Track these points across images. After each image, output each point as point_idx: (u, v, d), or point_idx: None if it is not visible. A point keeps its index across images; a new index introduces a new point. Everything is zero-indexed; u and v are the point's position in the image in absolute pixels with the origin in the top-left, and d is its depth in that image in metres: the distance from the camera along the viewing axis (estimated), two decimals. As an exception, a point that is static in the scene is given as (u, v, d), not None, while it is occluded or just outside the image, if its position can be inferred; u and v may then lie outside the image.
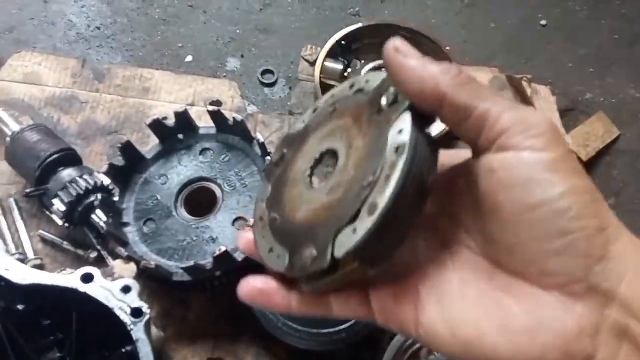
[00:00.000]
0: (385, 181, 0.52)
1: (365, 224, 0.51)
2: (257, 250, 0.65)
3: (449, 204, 0.62)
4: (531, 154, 0.51)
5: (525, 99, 1.60)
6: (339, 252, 0.52)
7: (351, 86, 0.64)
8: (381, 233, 0.52)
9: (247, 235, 0.66)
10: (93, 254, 1.28)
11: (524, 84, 1.59)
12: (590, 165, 1.57)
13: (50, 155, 1.27)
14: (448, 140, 1.05)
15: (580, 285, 0.50)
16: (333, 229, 0.54)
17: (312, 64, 1.62)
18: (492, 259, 0.56)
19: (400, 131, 0.55)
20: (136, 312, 1.02)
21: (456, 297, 0.56)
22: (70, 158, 1.31)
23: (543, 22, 1.83)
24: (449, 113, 0.54)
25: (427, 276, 0.58)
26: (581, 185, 0.51)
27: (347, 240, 0.52)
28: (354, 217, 0.53)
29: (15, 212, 1.34)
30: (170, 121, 1.29)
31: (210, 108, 1.26)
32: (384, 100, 0.58)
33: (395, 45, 0.55)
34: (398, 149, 0.53)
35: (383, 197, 0.52)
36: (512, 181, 0.52)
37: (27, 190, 1.28)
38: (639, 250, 0.52)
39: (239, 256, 1.12)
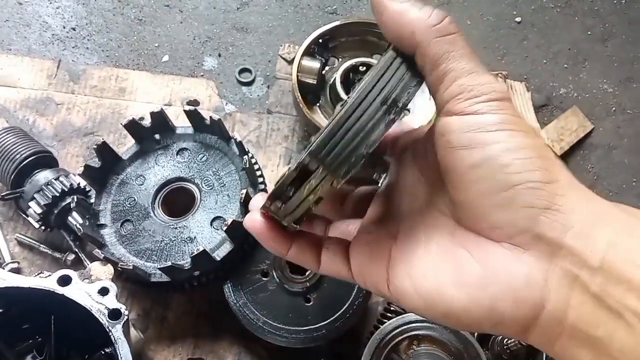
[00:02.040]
0: (354, 90, 0.55)
1: (325, 127, 0.54)
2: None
3: (425, 169, 0.64)
4: (474, 117, 0.53)
5: (500, 95, 1.62)
6: (303, 156, 0.55)
7: None
8: (338, 135, 0.53)
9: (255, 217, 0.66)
10: (71, 257, 1.27)
11: (500, 80, 1.61)
12: (564, 159, 1.60)
13: (26, 158, 1.26)
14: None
15: (526, 236, 0.52)
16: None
17: (290, 62, 1.62)
18: (455, 217, 0.59)
19: (382, 56, 0.57)
20: (114, 314, 1.02)
21: (421, 255, 0.59)
22: (47, 160, 1.30)
23: (518, 19, 1.86)
24: (420, 62, 0.55)
25: (400, 238, 0.63)
26: (525, 142, 0.53)
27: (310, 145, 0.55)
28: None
29: (-9, 216, 1.33)
30: (147, 122, 1.28)
31: (187, 108, 1.26)
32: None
33: None
34: (374, 67, 0.57)
35: (348, 102, 0.54)
36: (456, 143, 0.54)
37: (3, 193, 1.27)
38: (590, 203, 0.53)
39: (217, 256, 1.13)
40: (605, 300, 0.49)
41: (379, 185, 0.73)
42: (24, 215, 1.29)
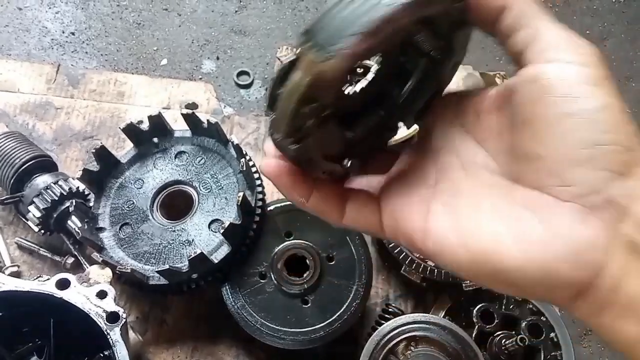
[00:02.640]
0: None
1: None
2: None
3: (473, 129, 0.63)
4: (575, 67, 0.53)
5: (498, 96, 1.62)
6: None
7: None
8: (334, 11, 0.49)
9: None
10: (70, 260, 1.28)
11: (498, 80, 1.61)
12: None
13: (26, 162, 1.27)
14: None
15: (597, 197, 0.51)
16: None
17: (288, 65, 1.63)
18: (512, 176, 0.58)
19: None
20: (112, 317, 1.02)
21: (470, 210, 0.57)
22: (46, 164, 1.30)
23: (516, 19, 1.86)
24: (508, 18, 0.57)
25: (440, 190, 0.61)
26: (617, 105, 0.53)
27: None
28: None
29: (-9, 220, 1.34)
30: (145, 125, 1.29)
31: (185, 111, 1.27)
32: None
33: None
34: None
35: None
36: (553, 90, 0.53)
37: (3, 197, 1.28)
38: None
39: (215, 258, 1.13)
40: None
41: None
42: (23, 219, 1.30)
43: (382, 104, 0.65)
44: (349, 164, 0.63)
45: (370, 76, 0.57)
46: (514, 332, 1.20)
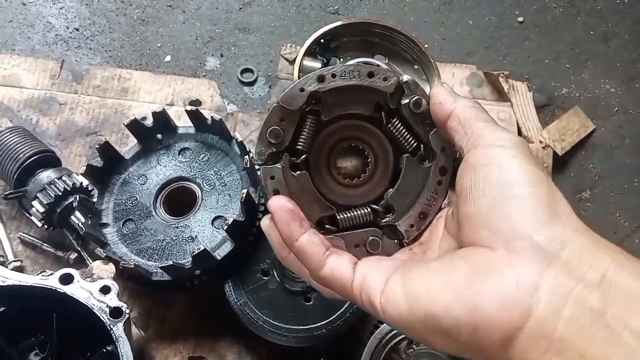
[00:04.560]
0: None
1: None
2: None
3: (450, 227, 0.72)
4: (497, 148, 0.63)
5: (502, 95, 1.62)
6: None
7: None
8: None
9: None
10: (73, 256, 1.28)
11: (501, 80, 1.61)
12: (566, 160, 1.59)
13: (29, 157, 1.27)
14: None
15: (523, 243, 0.55)
16: None
17: (292, 62, 1.63)
18: (460, 241, 0.65)
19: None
20: (115, 312, 1.02)
21: (419, 269, 0.64)
22: (49, 160, 1.31)
23: (520, 19, 1.86)
24: (453, 122, 0.69)
25: (405, 264, 0.68)
26: (534, 169, 0.61)
27: None
28: None
29: (-5, 215, 1.34)
30: (149, 122, 1.29)
31: (189, 108, 1.27)
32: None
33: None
34: (442, 170, 0.77)
35: None
36: (476, 163, 0.63)
37: (6, 192, 1.28)
38: (588, 231, 0.57)
39: (218, 255, 1.13)
40: (604, 317, 0.50)
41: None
42: (27, 214, 1.30)
43: (375, 201, 0.79)
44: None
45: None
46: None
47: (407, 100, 0.75)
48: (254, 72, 1.66)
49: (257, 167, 0.76)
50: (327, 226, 0.76)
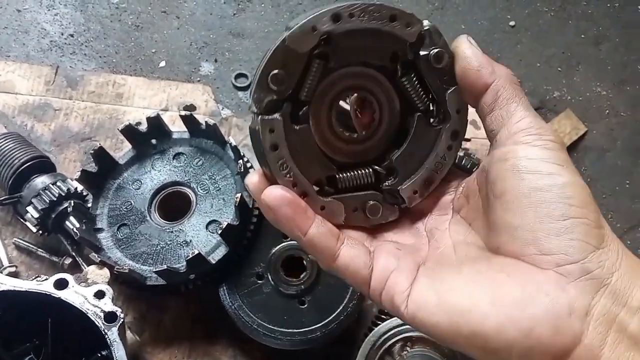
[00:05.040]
0: None
1: None
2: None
3: (465, 212, 0.69)
4: (541, 150, 0.59)
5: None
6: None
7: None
8: None
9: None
10: (68, 261, 1.29)
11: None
12: (558, 162, 1.60)
13: (24, 163, 1.27)
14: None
15: (575, 266, 0.54)
16: None
17: (286, 67, 1.63)
18: (492, 246, 0.62)
19: None
20: (110, 317, 1.03)
21: (452, 275, 0.60)
22: (44, 165, 1.31)
23: (512, 23, 1.87)
24: (488, 98, 0.63)
25: (429, 265, 0.64)
26: (581, 183, 0.58)
27: None
28: None
29: (-10, 221, 1.34)
30: (143, 127, 1.30)
31: (183, 113, 1.28)
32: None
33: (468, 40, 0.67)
34: (453, 134, 0.71)
35: None
36: (522, 167, 0.59)
37: (1, 198, 1.28)
38: (627, 254, 0.57)
39: (212, 259, 1.14)
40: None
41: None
42: (21, 220, 1.30)
43: (377, 162, 0.73)
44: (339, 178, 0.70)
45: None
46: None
47: (426, 52, 0.66)
48: (248, 77, 1.67)
49: (253, 115, 0.65)
50: (326, 187, 0.70)
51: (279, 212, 0.63)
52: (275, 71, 0.63)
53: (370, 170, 0.72)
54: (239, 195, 1.12)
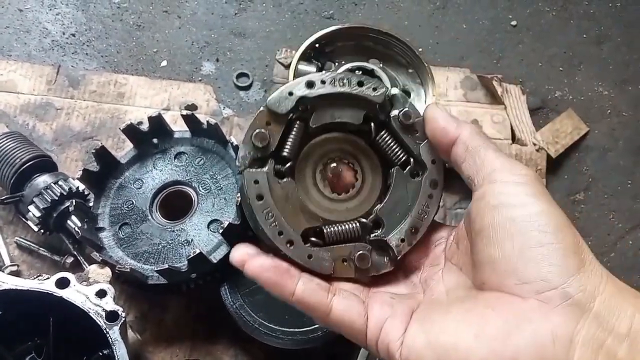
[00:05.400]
0: None
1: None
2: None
3: (457, 259, 0.71)
4: (515, 185, 0.62)
5: (496, 98, 1.63)
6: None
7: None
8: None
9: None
10: (69, 260, 1.29)
11: (495, 83, 1.62)
12: (559, 162, 1.60)
13: (26, 162, 1.27)
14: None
15: (555, 292, 0.54)
16: None
17: (287, 67, 1.64)
18: (478, 283, 0.63)
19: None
20: (112, 316, 1.03)
21: (441, 316, 0.61)
22: (46, 165, 1.31)
23: (513, 22, 1.87)
24: (458, 149, 0.68)
25: (421, 309, 0.65)
26: (556, 211, 0.59)
27: None
28: None
29: (-9, 220, 1.34)
30: (145, 126, 1.30)
31: (184, 112, 1.28)
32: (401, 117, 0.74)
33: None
34: (432, 183, 0.75)
35: None
36: (497, 202, 0.61)
37: (3, 197, 1.29)
38: (611, 278, 0.57)
39: (214, 258, 1.14)
40: None
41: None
42: (23, 219, 1.30)
43: (364, 216, 0.77)
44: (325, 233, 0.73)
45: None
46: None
47: (396, 112, 0.74)
48: (249, 76, 1.67)
49: (239, 171, 0.73)
50: (313, 239, 0.73)
51: (262, 279, 0.67)
52: (257, 130, 0.71)
53: (357, 224, 0.75)
54: (240, 194, 1.12)
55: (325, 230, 0.74)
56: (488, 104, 1.63)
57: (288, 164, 0.74)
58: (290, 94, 0.73)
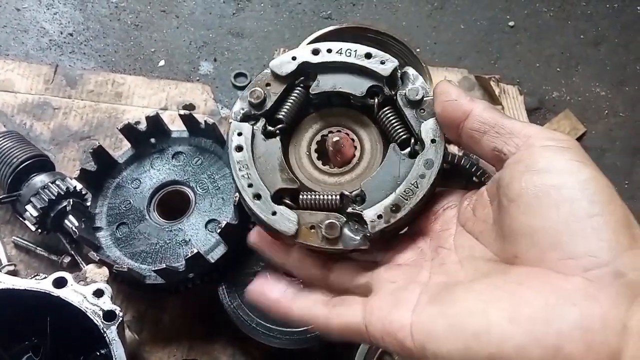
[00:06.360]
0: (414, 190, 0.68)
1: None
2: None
3: (471, 226, 0.64)
4: (558, 150, 0.54)
5: (493, 99, 1.63)
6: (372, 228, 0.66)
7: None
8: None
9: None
10: (67, 259, 1.29)
11: (493, 84, 1.62)
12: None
13: (23, 162, 1.27)
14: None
15: (604, 270, 0.47)
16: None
17: (285, 67, 1.64)
18: (508, 256, 0.55)
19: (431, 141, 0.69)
20: (109, 315, 1.03)
21: (462, 294, 0.54)
22: (43, 164, 1.31)
23: (511, 23, 1.88)
24: (474, 123, 0.61)
25: (432, 285, 0.59)
26: (604, 180, 0.53)
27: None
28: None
29: (-12, 219, 1.34)
30: (143, 126, 1.30)
31: (182, 112, 1.28)
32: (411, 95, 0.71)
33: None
34: (427, 163, 0.69)
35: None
36: (539, 167, 0.54)
37: (0, 196, 1.28)
38: None
39: (211, 258, 1.14)
40: None
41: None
42: (20, 219, 1.30)
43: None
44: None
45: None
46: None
47: (404, 91, 0.71)
48: (247, 76, 1.67)
49: (229, 121, 0.73)
50: (285, 200, 0.71)
51: (262, 305, 0.68)
52: (255, 88, 0.72)
53: (337, 195, 0.71)
54: (237, 194, 1.12)
55: (301, 196, 0.71)
56: (486, 104, 1.63)
57: (280, 126, 0.74)
58: (294, 58, 0.73)
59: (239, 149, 0.71)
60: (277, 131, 0.74)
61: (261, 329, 1.15)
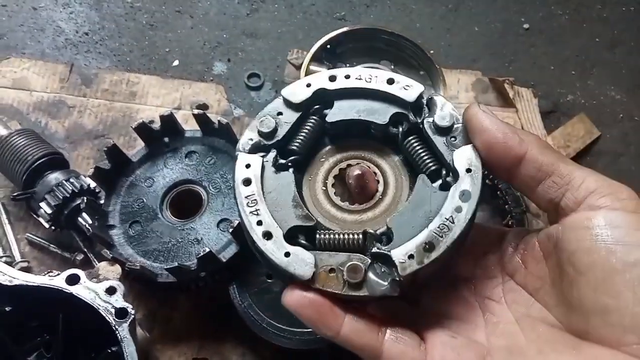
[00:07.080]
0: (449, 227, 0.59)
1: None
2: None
3: (523, 279, 0.59)
4: (624, 214, 0.51)
5: (507, 101, 1.62)
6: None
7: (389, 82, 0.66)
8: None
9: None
10: (80, 257, 1.29)
11: (507, 86, 1.61)
12: (571, 166, 1.59)
13: (38, 159, 1.28)
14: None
15: None
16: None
17: (298, 68, 1.64)
18: (576, 329, 0.52)
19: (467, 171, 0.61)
20: (121, 313, 1.03)
21: None
22: (58, 162, 1.32)
23: (526, 25, 1.86)
24: (529, 169, 0.56)
25: (496, 348, 0.55)
26: None
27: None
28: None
29: (3, 216, 1.35)
30: (156, 125, 1.30)
31: (195, 111, 1.28)
32: (442, 122, 0.63)
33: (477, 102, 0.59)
34: (464, 195, 0.60)
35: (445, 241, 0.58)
36: (609, 239, 0.50)
37: (15, 194, 1.29)
38: None
39: (223, 257, 1.14)
40: None
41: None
42: (34, 216, 1.31)
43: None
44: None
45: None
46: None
47: (432, 117, 0.64)
48: (260, 77, 1.67)
49: (236, 154, 0.65)
50: (300, 240, 0.64)
51: (302, 316, 0.59)
52: (265, 117, 0.66)
53: (360, 234, 0.63)
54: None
55: (317, 235, 0.63)
56: (499, 106, 1.63)
57: (292, 157, 0.67)
58: (309, 85, 0.67)
59: (247, 182, 0.64)
60: (290, 163, 0.67)
61: (272, 328, 1.15)
